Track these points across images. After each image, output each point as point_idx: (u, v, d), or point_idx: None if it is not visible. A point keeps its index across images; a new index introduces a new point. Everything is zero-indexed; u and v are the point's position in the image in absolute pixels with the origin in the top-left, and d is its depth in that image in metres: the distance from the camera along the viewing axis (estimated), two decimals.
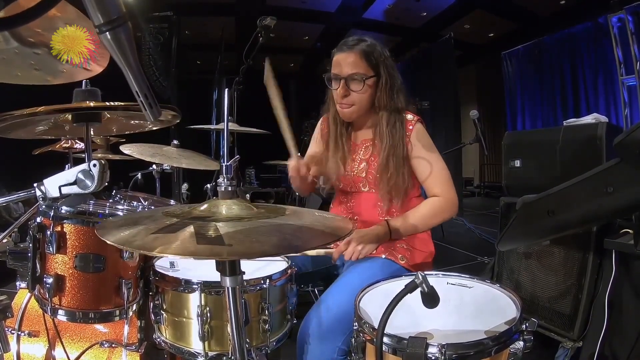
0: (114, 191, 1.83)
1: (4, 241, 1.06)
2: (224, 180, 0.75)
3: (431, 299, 0.79)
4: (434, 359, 0.75)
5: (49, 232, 1.02)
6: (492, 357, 0.78)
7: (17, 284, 1.37)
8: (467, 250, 4.31)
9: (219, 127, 2.63)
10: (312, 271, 1.48)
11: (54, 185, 0.87)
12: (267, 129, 2.45)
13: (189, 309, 1.07)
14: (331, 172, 1.48)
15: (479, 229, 5.10)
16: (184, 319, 1.08)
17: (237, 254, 0.62)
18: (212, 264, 0.68)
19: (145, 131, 1.25)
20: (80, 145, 2.54)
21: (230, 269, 0.68)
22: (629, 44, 5.34)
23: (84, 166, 0.86)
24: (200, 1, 6.95)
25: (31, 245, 1.02)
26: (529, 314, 1.84)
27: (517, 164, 2.28)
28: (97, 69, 1.15)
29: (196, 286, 1.05)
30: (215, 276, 0.70)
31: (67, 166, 0.97)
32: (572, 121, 2.24)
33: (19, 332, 1.26)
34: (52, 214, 1.02)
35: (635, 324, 1.48)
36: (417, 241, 1.45)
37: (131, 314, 1.15)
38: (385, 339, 0.79)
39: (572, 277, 1.81)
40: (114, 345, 1.27)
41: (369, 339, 0.85)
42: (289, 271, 1.19)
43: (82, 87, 1.07)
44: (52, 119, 1.09)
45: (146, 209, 1.37)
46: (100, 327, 1.31)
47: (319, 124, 1.63)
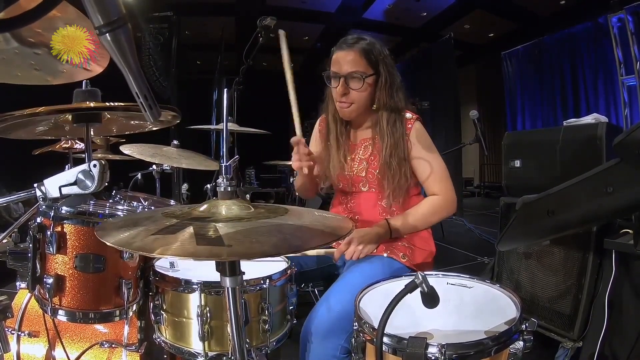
0: (114, 191, 1.84)
1: (4, 241, 1.07)
2: (223, 180, 0.75)
3: (431, 299, 0.79)
4: (433, 359, 0.75)
5: (49, 233, 1.02)
6: (492, 357, 0.78)
7: (17, 284, 1.37)
8: (467, 250, 4.30)
9: (219, 127, 2.63)
10: (315, 268, 1.48)
11: (54, 185, 0.87)
12: (267, 129, 2.46)
13: (189, 309, 1.07)
14: (330, 172, 1.48)
15: (479, 229, 5.09)
16: (184, 319, 1.08)
17: (237, 255, 0.62)
18: (212, 264, 0.68)
19: (145, 131, 1.25)
20: (80, 145, 2.54)
21: (230, 269, 0.68)
22: (629, 44, 5.34)
23: (84, 166, 0.86)
24: (200, 1, 6.95)
25: (31, 245, 1.02)
26: (529, 314, 1.85)
27: (517, 164, 2.28)
28: (97, 69, 1.15)
29: (196, 286, 1.05)
30: (215, 276, 0.70)
31: (67, 166, 0.96)
32: (572, 121, 2.24)
33: (19, 333, 1.26)
34: (52, 214, 1.03)
35: (635, 324, 1.48)
36: (418, 239, 1.45)
37: (131, 314, 1.15)
38: (385, 339, 0.79)
39: (572, 277, 1.81)
40: (114, 345, 1.26)
41: (369, 339, 0.85)
42: (289, 271, 1.19)
43: (82, 88, 1.06)
44: (52, 119, 1.09)
45: (146, 209, 1.37)
46: (100, 327, 1.30)
47: (317, 124, 1.62)
